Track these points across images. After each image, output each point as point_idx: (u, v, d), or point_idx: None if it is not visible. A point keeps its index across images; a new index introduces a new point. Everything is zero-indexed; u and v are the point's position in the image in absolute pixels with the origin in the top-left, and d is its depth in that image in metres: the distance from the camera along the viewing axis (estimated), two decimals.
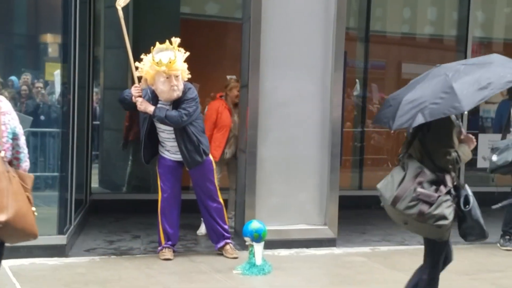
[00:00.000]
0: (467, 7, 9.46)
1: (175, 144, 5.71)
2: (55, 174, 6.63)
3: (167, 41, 5.63)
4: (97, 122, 9.18)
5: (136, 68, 5.67)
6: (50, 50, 7.39)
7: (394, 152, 9.99)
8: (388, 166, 10.00)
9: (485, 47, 10.30)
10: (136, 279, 5.14)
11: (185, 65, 5.66)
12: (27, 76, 7.45)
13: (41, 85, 7.46)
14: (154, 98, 5.72)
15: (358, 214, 8.31)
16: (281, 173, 6.37)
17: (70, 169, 6.01)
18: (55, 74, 7.00)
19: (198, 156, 5.71)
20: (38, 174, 7.53)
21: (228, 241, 5.99)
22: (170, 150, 5.80)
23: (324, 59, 6.39)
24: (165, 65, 5.46)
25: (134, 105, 5.72)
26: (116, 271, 5.36)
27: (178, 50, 5.62)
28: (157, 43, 5.62)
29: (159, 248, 5.87)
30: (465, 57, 9.45)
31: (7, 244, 5.42)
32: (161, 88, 5.58)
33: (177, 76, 5.56)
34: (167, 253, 5.80)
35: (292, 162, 6.40)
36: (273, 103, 6.29)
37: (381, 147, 9.97)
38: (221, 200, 5.96)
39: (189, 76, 5.72)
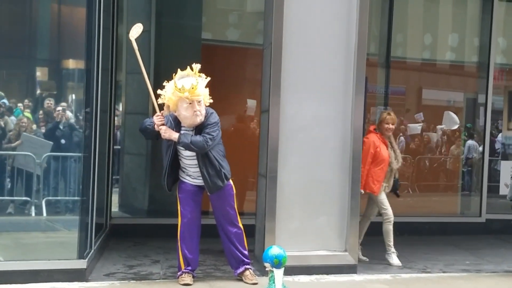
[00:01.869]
0: (489, 34, 9.45)
1: (197, 169, 5.72)
2: (76, 198, 6.68)
3: (188, 67, 5.68)
4: (118, 147, 9.24)
5: (158, 96, 5.71)
6: (73, 75, 7.49)
7: (414, 178, 9.93)
8: (408, 193, 9.92)
9: (507, 73, 10.26)
10: None
11: (207, 90, 5.71)
12: (50, 101, 7.56)
13: (62, 109, 7.56)
14: (177, 125, 5.75)
15: (379, 241, 8.22)
16: (302, 198, 6.35)
17: (91, 194, 6.03)
18: (78, 99, 7.09)
19: (220, 180, 5.72)
20: (59, 198, 7.63)
21: (247, 266, 5.96)
22: (191, 175, 5.81)
23: (345, 84, 6.40)
24: (187, 91, 5.51)
25: (156, 134, 5.76)
26: None
27: (199, 76, 5.67)
28: (179, 70, 5.67)
29: (179, 273, 5.85)
30: (487, 84, 9.44)
31: (28, 268, 5.47)
32: (184, 114, 5.62)
33: (199, 102, 5.60)
34: (187, 278, 5.78)
35: (313, 187, 6.38)
36: (293, 128, 6.30)
37: (401, 174, 9.90)
38: (240, 225, 5.94)
39: (211, 101, 5.76)
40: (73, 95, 7.53)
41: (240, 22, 9.25)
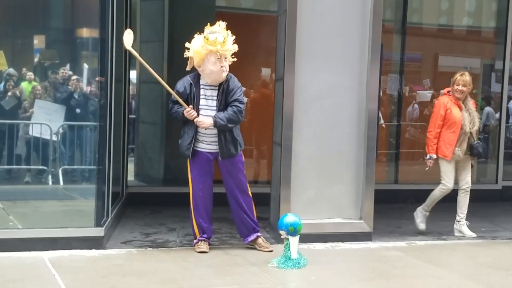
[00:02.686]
0: None
1: (215, 132, 5.71)
2: (93, 167, 6.72)
3: (218, 22, 5.65)
4: (133, 116, 9.26)
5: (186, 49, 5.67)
6: (87, 44, 7.48)
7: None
8: (424, 160, 9.87)
9: None
10: (172, 271, 5.18)
11: (235, 47, 5.69)
12: (65, 70, 7.58)
13: (77, 79, 7.58)
14: (196, 84, 5.72)
15: (394, 209, 8.25)
16: (317, 166, 6.35)
17: (107, 162, 6.07)
18: (92, 68, 7.08)
19: (233, 148, 5.73)
20: (75, 167, 7.69)
21: (259, 234, 5.98)
22: (205, 141, 5.77)
23: (361, 52, 6.34)
24: (220, 44, 5.51)
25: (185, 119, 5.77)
26: (153, 263, 5.41)
27: (227, 33, 5.66)
28: (208, 24, 5.64)
29: (195, 241, 5.89)
30: (504, 49, 9.32)
31: (47, 236, 5.54)
32: (211, 69, 5.59)
33: (226, 58, 5.61)
34: (203, 246, 5.82)
35: (328, 156, 6.37)
36: (308, 96, 6.27)
37: (416, 141, 9.86)
38: (250, 193, 5.95)
39: (235, 59, 5.73)
40: (88, 64, 7.54)
41: None
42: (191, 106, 5.70)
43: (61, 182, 7.46)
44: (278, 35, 6.58)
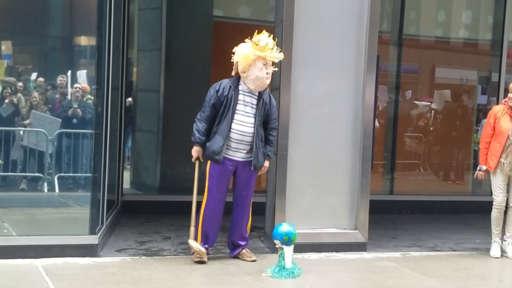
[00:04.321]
0: (503, 11, 9.36)
1: (251, 139, 5.66)
2: (88, 174, 6.73)
3: (264, 31, 5.68)
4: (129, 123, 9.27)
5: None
6: (84, 52, 7.50)
7: (426, 157, 9.90)
8: (419, 171, 9.90)
9: None
10: (166, 280, 5.17)
11: (282, 55, 5.73)
12: (63, 78, 7.59)
13: (78, 89, 7.59)
14: (235, 88, 5.68)
15: (389, 219, 8.26)
16: (312, 176, 6.36)
17: (103, 170, 6.07)
18: (89, 76, 7.09)
19: (262, 158, 5.76)
20: (71, 174, 7.68)
21: (243, 246, 5.96)
22: (234, 148, 5.66)
23: (357, 62, 6.37)
24: (270, 50, 5.56)
25: None
26: (147, 271, 5.40)
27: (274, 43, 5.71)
28: (256, 32, 5.66)
29: (193, 250, 5.84)
30: (500, 62, 9.36)
31: (41, 243, 5.53)
32: (257, 75, 5.58)
33: (271, 65, 5.65)
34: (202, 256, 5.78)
35: (323, 165, 6.38)
36: (304, 106, 6.29)
37: (412, 152, 9.88)
38: (250, 209, 5.95)
39: (276, 69, 5.76)
40: (85, 72, 7.55)
41: None
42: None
43: (57, 190, 7.45)
44: None
